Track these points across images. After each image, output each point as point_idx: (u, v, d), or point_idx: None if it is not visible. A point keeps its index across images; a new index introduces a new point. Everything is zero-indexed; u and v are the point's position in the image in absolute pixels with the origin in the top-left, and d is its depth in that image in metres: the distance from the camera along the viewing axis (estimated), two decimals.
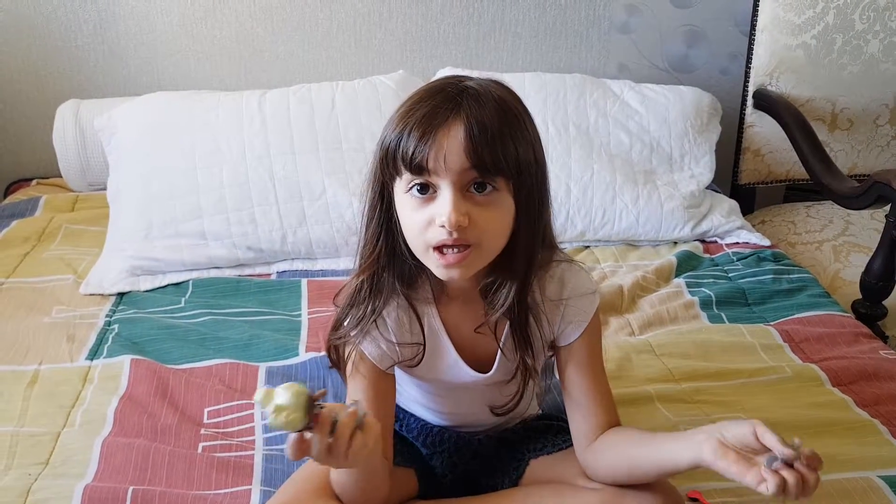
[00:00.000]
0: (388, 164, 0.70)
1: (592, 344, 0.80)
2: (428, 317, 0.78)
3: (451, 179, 0.67)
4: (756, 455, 0.66)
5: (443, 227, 0.67)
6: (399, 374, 0.83)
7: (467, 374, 0.81)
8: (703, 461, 0.67)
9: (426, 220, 0.69)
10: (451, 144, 0.67)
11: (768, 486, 0.63)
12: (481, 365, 0.81)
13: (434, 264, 0.70)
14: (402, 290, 0.75)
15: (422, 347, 0.77)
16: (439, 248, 0.69)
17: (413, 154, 0.67)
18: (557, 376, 0.84)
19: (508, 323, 0.77)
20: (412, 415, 0.91)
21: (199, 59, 1.64)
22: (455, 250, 0.68)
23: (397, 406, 0.91)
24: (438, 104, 0.68)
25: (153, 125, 1.43)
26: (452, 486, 0.88)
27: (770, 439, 0.64)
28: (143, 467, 0.91)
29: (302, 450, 0.63)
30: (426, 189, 0.69)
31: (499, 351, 0.79)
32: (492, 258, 0.72)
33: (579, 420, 0.80)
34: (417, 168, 0.67)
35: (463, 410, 0.87)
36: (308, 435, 0.63)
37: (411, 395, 0.90)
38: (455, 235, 0.68)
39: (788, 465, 0.64)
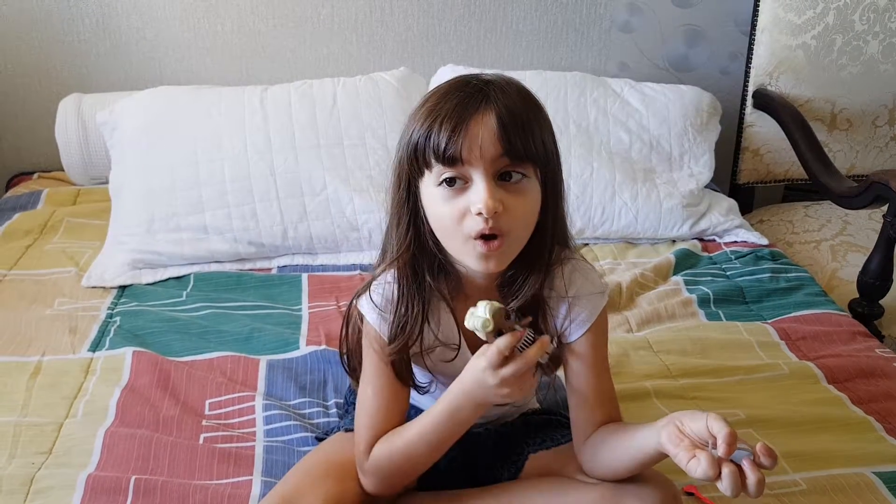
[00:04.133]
0: (417, 160, 0.71)
1: (597, 343, 0.80)
2: (444, 313, 0.79)
3: (485, 168, 0.69)
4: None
5: (479, 214, 0.69)
6: None
7: None
8: (660, 446, 0.67)
9: (460, 212, 0.70)
10: (484, 133, 0.69)
11: (702, 470, 0.62)
12: None
13: (473, 254, 0.71)
14: (434, 284, 0.76)
15: (453, 344, 0.78)
16: (482, 237, 0.70)
17: (447, 146, 0.69)
18: (562, 371, 0.85)
19: None
20: (413, 406, 0.92)
21: (201, 54, 1.65)
22: (494, 240, 0.71)
23: None
24: (467, 96, 0.70)
25: (155, 120, 1.44)
26: (452, 477, 0.88)
27: (715, 426, 0.63)
28: (146, 457, 0.92)
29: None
30: (454, 182, 0.70)
31: None
32: (520, 248, 0.74)
33: (579, 417, 0.81)
34: (451, 160, 0.69)
35: None
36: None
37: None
38: (491, 223, 0.69)
39: (736, 463, 0.62)
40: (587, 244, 1.48)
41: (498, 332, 0.70)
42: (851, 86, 1.58)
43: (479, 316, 0.69)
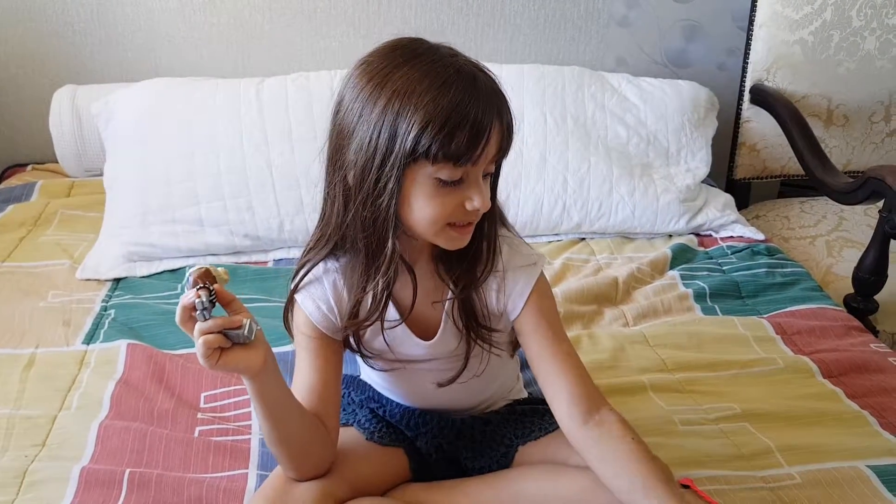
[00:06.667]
0: (427, 153, 0.68)
1: (544, 309, 0.79)
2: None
3: (484, 170, 0.73)
4: None
5: (475, 210, 0.72)
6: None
7: (413, 341, 0.81)
8: None
9: (454, 206, 0.72)
10: (493, 143, 0.71)
11: None
12: (427, 336, 0.82)
13: (448, 237, 0.74)
14: (398, 255, 0.75)
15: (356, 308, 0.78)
16: (457, 224, 0.73)
17: (467, 155, 0.69)
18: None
19: (451, 296, 0.79)
20: (393, 401, 0.92)
21: (196, 45, 1.64)
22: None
23: (379, 393, 0.92)
24: (480, 105, 0.69)
25: (150, 111, 1.43)
26: (442, 468, 0.88)
27: None
28: (140, 450, 0.91)
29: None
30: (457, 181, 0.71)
31: (442, 320, 0.80)
32: None
33: (555, 394, 0.78)
34: (463, 165, 0.70)
35: (419, 390, 0.87)
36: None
37: (372, 379, 0.92)
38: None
39: None
40: (584, 238, 1.48)
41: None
42: (848, 82, 1.58)
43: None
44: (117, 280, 1.29)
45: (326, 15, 1.64)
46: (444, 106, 0.68)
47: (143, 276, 1.31)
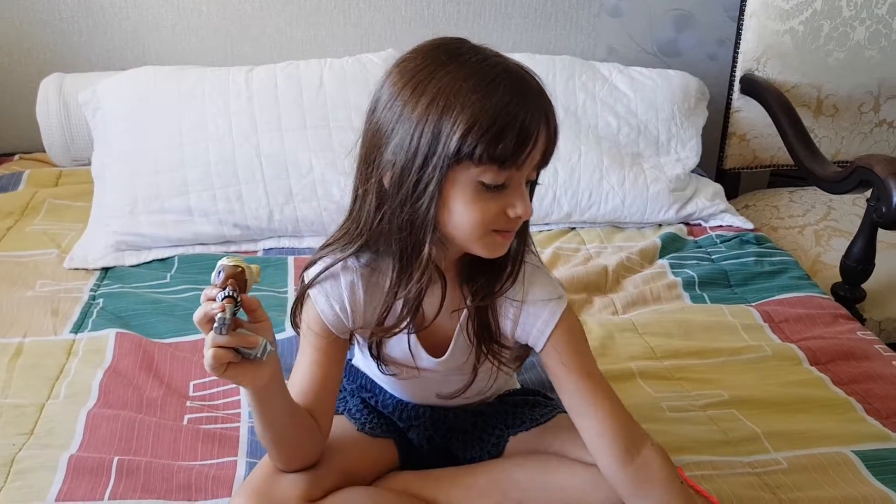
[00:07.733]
0: (472, 155, 0.66)
1: (567, 346, 0.76)
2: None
3: (527, 176, 0.70)
4: None
5: (517, 217, 0.69)
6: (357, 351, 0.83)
7: (423, 357, 0.80)
8: None
9: (498, 210, 0.69)
10: (539, 147, 0.69)
11: None
12: (436, 351, 0.80)
13: (490, 245, 0.71)
14: (432, 262, 0.72)
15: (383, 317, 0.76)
16: (500, 230, 0.71)
17: (513, 158, 0.67)
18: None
19: (466, 310, 0.77)
20: (386, 391, 0.92)
21: (185, 33, 1.62)
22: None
23: (372, 382, 0.92)
24: (528, 106, 0.67)
25: (139, 100, 1.42)
26: (432, 457, 0.88)
27: None
28: (129, 438, 0.91)
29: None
30: (500, 185, 0.69)
31: (454, 335, 0.79)
32: None
33: (593, 435, 0.75)
34: (508, 168, 0.68)
35: (419, 391, 0.87)
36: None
37: (373, 372, 0.91)
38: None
39: None
40: (574, 228, 1.48)
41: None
42: (838, 72, 1.58)
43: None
44: (106, 269, 1.28)
45: (316, 3, 1.63)
46: (492, 106, 0.65)
47: (132, 266, 1.30)
